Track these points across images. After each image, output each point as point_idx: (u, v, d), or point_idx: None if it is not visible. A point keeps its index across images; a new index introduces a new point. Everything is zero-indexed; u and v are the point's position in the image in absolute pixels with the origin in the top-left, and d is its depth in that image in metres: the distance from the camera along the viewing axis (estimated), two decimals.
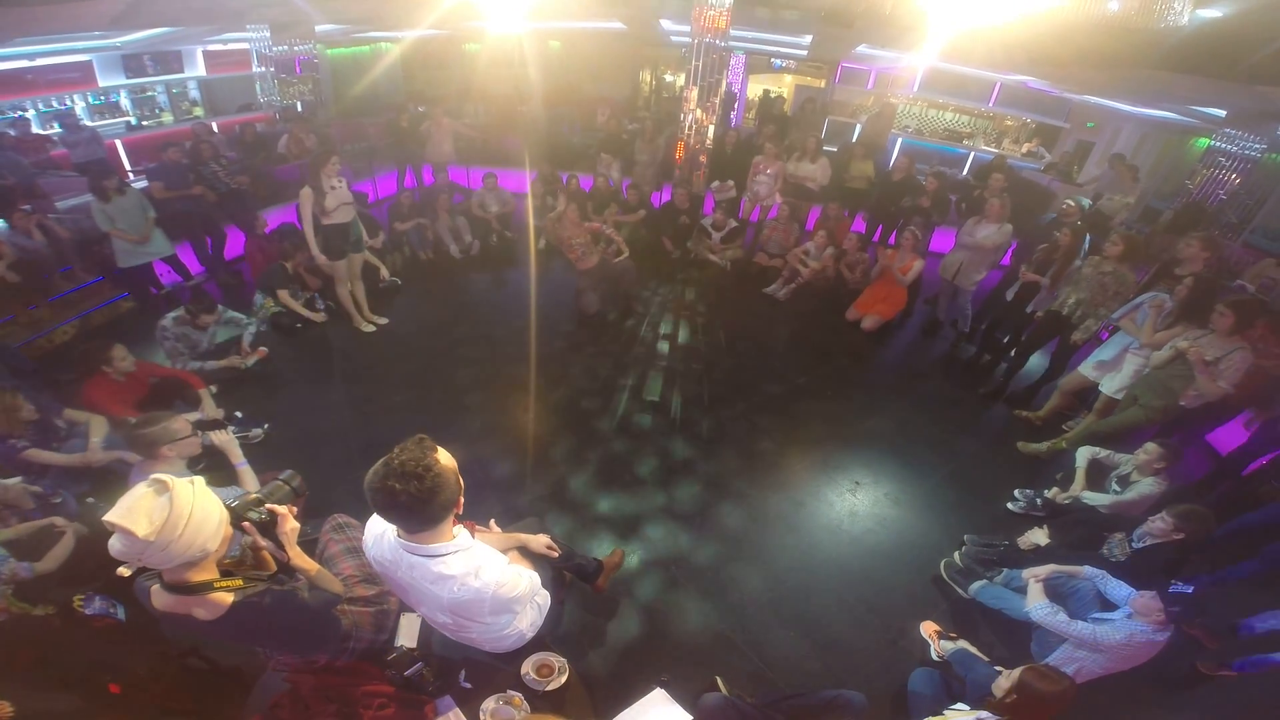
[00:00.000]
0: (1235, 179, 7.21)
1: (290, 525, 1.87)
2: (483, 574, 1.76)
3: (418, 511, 1.62)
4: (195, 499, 1.62)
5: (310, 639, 2.08)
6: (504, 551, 2.14)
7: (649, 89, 14.85)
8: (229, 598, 1.70)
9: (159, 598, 1.68)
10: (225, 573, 1.77)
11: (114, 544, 1.54)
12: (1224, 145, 7.30)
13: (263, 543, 1.82)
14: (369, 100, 10.88)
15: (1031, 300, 5.45)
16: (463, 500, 1.75)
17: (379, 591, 2.38)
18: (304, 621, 1.89)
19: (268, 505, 1.85)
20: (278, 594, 1.78)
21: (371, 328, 5.75)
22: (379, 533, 1.87)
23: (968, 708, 2.43)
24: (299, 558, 1.90)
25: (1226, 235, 7.22)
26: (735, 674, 2.98)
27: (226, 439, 2.84)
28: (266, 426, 4.32)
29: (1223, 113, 7.23)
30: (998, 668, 2.75)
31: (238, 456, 2.85)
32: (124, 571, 1.65)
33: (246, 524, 1.78)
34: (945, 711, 2.45)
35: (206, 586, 1.67)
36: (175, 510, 1.56)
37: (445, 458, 1.67)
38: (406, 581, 1.83)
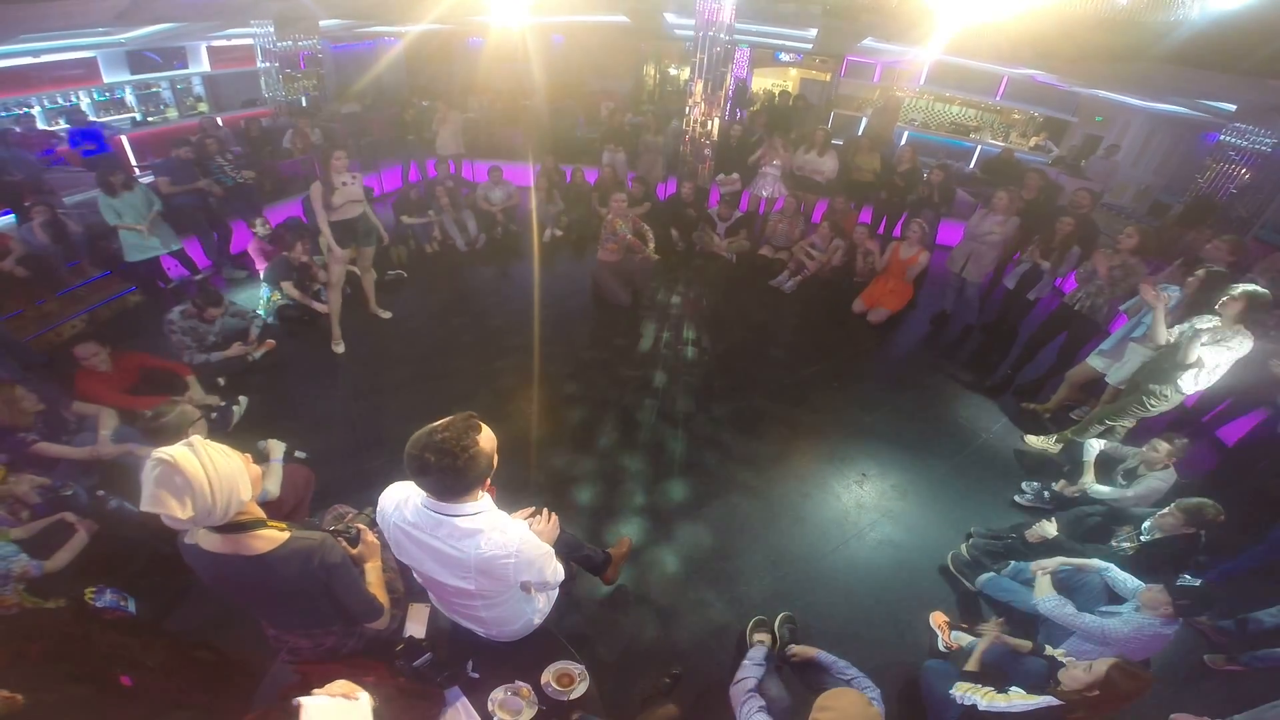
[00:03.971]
0: (1245, 173, 7.14)
1: (370, 538, 2.14)
2: (508, 529, 1.85)
3: (447, 484, 1.73)
4: (202, 460, 1.60)
5: (337, 602, 2.09)
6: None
7: (653, 83, 14.80)
8: (284, 535, 1.81)
9: (207, 539, 1.74)
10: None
11: (165, 520, 1.58)
12: (1234, 140, 7.23)
13: (353, 552, 2.05)
14: (373, 95, 10.86)
15: (1033, 287, 5.43)
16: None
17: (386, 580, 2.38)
18: (341, 577, 1.94)
19: (355, 525, 2.16)
20: (330, 543, 1.90)
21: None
22: (400, 499, 1.90)
23: (1023, 691, 2.43)
24: (375, 571, 2.14)
25: (1236, 229, 7.16)
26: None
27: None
28: (245, 401, 4.38)
29: (1233, 107, 7.17)
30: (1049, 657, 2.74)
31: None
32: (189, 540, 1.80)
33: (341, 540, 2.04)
34: (1008, 690, 2.45)
35: (259, 523, 1.77)
36: (195, 482, 1.56)
37: (486, 440, 1.80)
38: (429, 545, 1.86)
